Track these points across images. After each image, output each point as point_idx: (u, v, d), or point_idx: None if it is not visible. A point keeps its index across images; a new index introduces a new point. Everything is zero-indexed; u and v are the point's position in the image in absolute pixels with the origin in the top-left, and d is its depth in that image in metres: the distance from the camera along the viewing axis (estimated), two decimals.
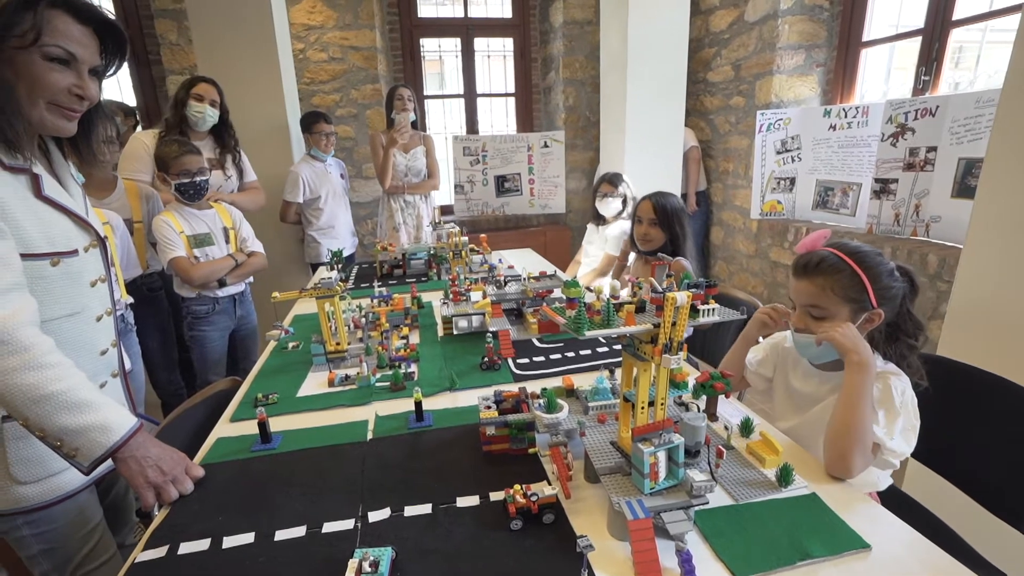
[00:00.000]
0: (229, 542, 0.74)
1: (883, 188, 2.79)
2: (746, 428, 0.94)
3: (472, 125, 4.45)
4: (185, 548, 0.73)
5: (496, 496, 0.80)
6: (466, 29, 4.14)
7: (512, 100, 4.48)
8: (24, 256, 0.81)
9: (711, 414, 1.01)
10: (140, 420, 0.86)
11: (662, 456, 0.71)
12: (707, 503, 0.71)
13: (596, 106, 4.04)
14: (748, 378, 1.26)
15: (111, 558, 1.01)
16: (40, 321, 0.82)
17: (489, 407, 0.95)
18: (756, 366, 1.24)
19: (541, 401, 0.92)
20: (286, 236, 2.96)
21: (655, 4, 3.25)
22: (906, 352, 1.04)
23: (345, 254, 2.86)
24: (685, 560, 0.66)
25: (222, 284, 1.73)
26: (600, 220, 2.68)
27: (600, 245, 2.63)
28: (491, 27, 4.22)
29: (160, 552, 0.72)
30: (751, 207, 3.50)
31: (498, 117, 4.55)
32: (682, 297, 0.65)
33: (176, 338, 2.02)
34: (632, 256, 1.96)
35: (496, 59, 4.35)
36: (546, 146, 4.24)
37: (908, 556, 0.69)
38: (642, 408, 0.73)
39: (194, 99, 2.10)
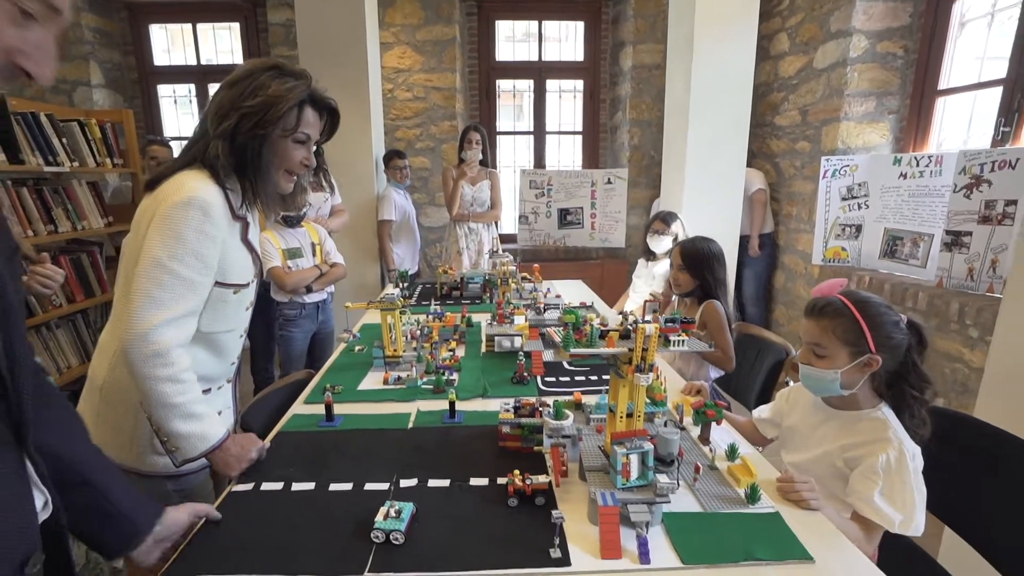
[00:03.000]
0: (296, 487, 0.98)
1: (955, 240, 2.70)
2: (732, 453, 1.05)
3: (540, 160, 4.73)
4: (266, 486, 0.98)
5: (502, 480, 0.98)
6: (539, 72, 4.47)
7: (579, 138, 4.72)
8: (220, 284, 1.04)
9: (704, 439, 1.13)
10: (228, 431, 1.04)
11: (634, 458, 0.86)
12: (669, 502, 0.85)
13: (661, 146, 4.18)
14: (763, 430, 1.33)
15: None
16: (206, 331, 1.05)
17: (508, 411, 1.13)
18: (768, 418, 1.32)
19: (550, 410, 1.09)
20: (365, 251, 3.34)
21: (720, 51, 3.38)
22: (911, 403, 1.10)
23: (410, 272, 3.20)
24: (642, 544, 0.80)
25: (309, 290, 2.06)
26: (651, 256, 2.80)
27: (648, 281, 2.75)
28: (563, 70, 4.52)
29: (248, 486, 0.98)
30: (813, 252, 3.45)
31: (565, 153, 4.80)
32: (650, 328, 0.81)
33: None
34: (675, 298, 2.08)
35: (567, 98, 4.63)
36: (609, 183, 4.41)
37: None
38: (620, 417, 0.88)
39: None
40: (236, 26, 4.07)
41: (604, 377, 1.52)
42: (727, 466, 1.03)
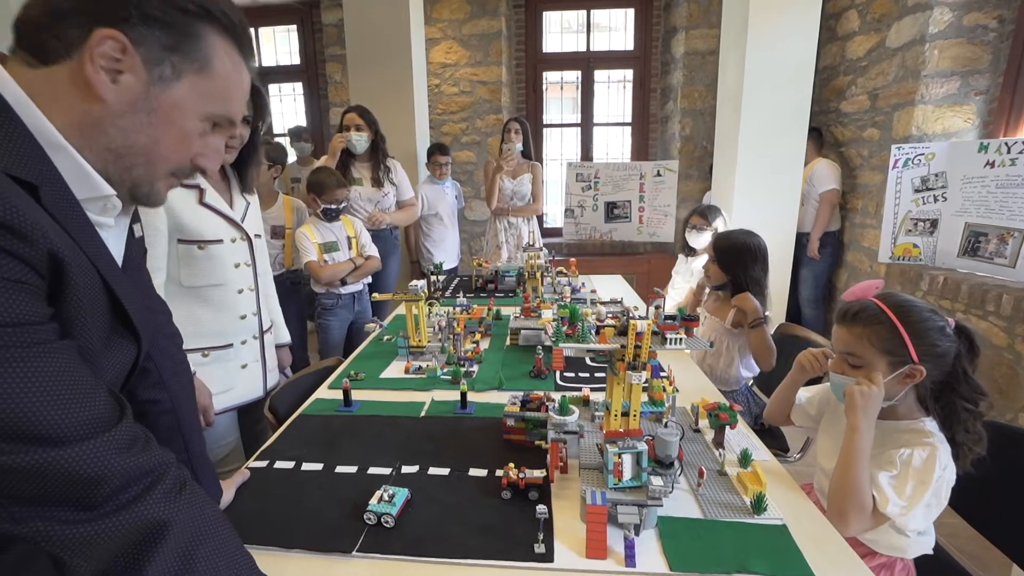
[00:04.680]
0: (306, 466, 1.03)
1: None
2: (744, 459, 1.00)
3: (587, 152, 4.65)
4: (279, 464, 1.04)
5: (501, 472, 0.98)
6: (587, 62, 4.38)
7: (628, 129, 4.60)
8: (181, 241, 1.25)
9: (718, 442, 1.08)
10: (192, 372, 1.25)
11: (627, 458, 0.83)
12: (661, 505, 0.82)
13: (714, 136, 3.99)
14: (793, 415, 1.27)
15: (238, 468, 1.39)
16: (191, 286, 1.27)
17: (514, 404, 1.13)
18: (804, 403, 1.25)
19: (556, 405, 1.08)
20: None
21: (777, 33, 3.16)
22: (964, 416, 1.00)
23: (448, 266, 3.25)
24: (628, 546, 0.78)
25: (343, 282, 2.15)
26: (690, 251, 2.69)
27: (687, 277, 2.64)
28: (612, 59, 4.40)
29: (263, 463, 1.04)
30: (880, 249, 3.18)
31: (614, 145, 4.69)
32: (642, 324, 0.78)
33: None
34: (707, 290, 1.99)
35: (615, 87, 4.51)
36: (659, 175, 4.27)
37: None
38: (614, 416, 0.86)
39: (344, 130, 2.60)
40: (294, 28, 4.28)
41: None
42: (737, 472, 0.98)
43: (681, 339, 0.84)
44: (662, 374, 1.04)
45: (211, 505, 0.58)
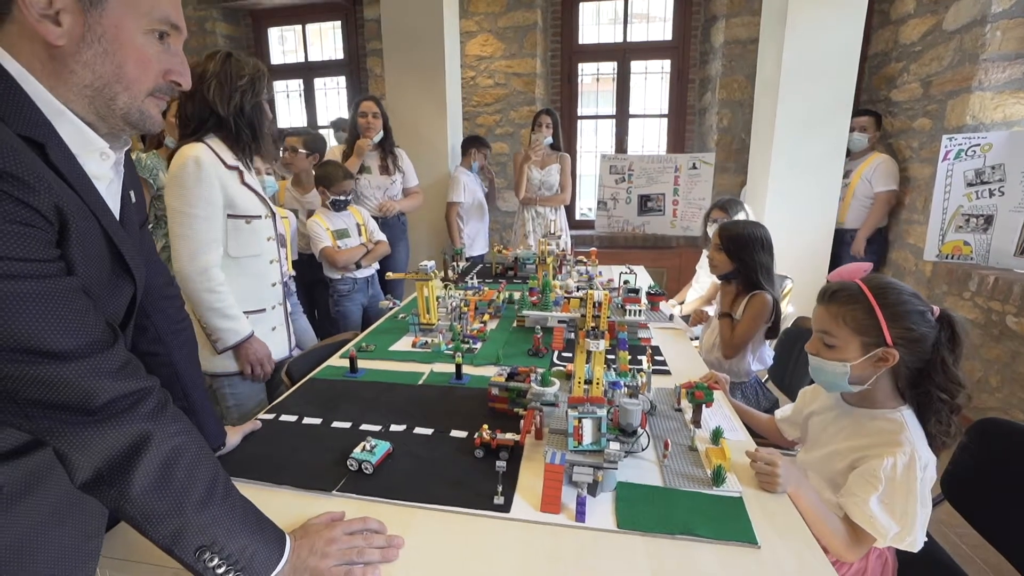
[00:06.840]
0: (307, 420, 1.14)
1: None
2: (715, 436, 1.02)
3: (621, 144, 4.61)
4: (284, 417, 1.16)
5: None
6: (623, 53, 4.34)
7: (665, 121, 4.52)
8: (231, 216, 1.39)
9: (695, 421, 1.11)
10: (251, 331, 1.43)
11: (588, 423, 0.88)
12: (615, 468, 0.86)
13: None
14: (786, 432, 1.27)
15: None
16: (236, 256, 1.42)
17: (501, 375, 1.20)
18: (790, 416, 1.25)
19: (539, 376, 1.13)
20: (436, 231, 3.54)
21: (820, 19, 3.03)
22: (938, 406, 0.98)
23: (476, 253, 3.34)
24: (580, 503, 0.83)
25: (358, 266, 2.27)
26: None
27: (709, 271, 2.60)
28: (649, 50, 4.34)
29: (271, 416, 1.16)
30: (926, 247, 3.00)
31: (650, 136, 4.63)
32: (599, 295, 0.82)
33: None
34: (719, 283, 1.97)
35: (652, 78, 4.44)
36: (694, 168, 4.18)
37: (794, 567, 0.74)
38: (578, 382, 0.91)
39: (360, 116, 2.72)
40: (339, 24, 4.47)
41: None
42: (706, 448, 1.00)
43: (640, 311, 0.87)
44: (640, 356, 1.07)
45: (190, 427, 0.67)
